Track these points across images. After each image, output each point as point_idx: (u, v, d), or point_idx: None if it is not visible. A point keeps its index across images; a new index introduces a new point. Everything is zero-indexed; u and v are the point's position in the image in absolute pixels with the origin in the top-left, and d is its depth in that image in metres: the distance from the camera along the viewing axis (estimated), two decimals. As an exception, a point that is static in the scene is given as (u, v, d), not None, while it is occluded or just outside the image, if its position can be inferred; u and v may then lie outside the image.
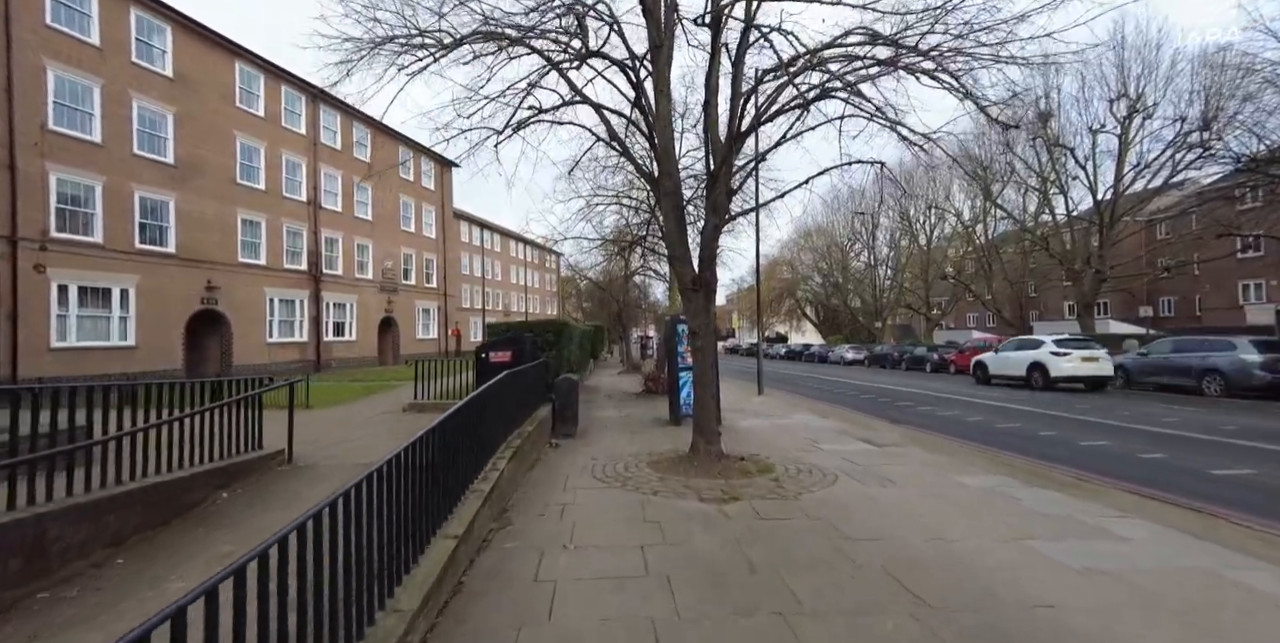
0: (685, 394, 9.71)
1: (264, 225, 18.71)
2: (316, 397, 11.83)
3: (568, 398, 8.64)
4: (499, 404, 5.38)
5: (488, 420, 4.89)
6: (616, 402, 13.20)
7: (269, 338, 18.85)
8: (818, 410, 11.64)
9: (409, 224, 27.18)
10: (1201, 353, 12.62)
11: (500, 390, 5.49)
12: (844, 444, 7.83)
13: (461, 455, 3.94)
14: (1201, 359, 12.57)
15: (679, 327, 9.78)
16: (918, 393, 15.39)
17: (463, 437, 4.01)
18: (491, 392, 5.07)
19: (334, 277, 22.14)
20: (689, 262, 6.42)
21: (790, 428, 9.28)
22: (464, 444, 3.99)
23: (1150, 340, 15.74)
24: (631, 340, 28.65)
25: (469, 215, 41.84)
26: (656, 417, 10.60)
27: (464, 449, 3.98)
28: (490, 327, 9.64)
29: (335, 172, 22.23)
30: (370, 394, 12.77)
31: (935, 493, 5.24)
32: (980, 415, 10.92)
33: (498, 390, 5.41)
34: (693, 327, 6.39)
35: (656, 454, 7.06)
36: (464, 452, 3.99)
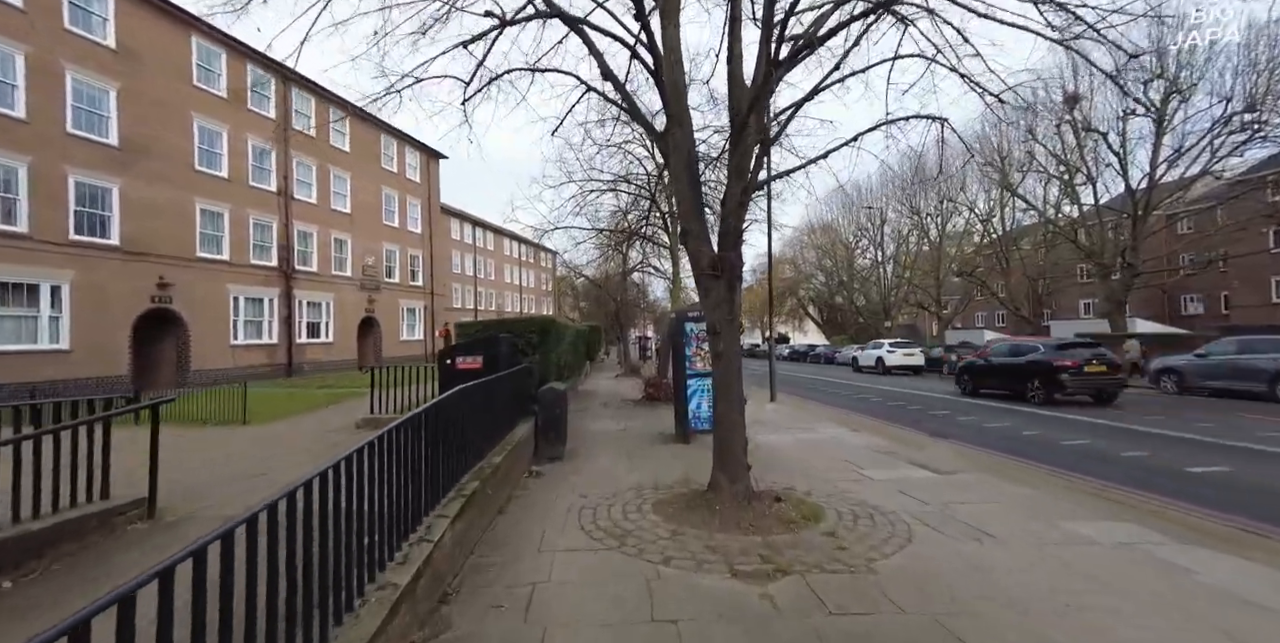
0: (695, 406, 8.19)
1: (227, 216, 17.09)
2: (265, 407, 10.26)
3: (553, 412, 7.10)
4: (449, 432, 3.84)
5: (425, 458, 3.36)
6: (614, 411, 11.66)
7: (233, 340, 17.23)
8: (844, 421, 10.12)
9: (392, 218, 25.58)
10: (1275, 354, 11.16)
11: (453, 411, 3.95)
12: (895, 469, 6.32)
13: (362, 526, 2.41)
14: (1275, 361, 11.10)
15: (686, 325, 8.25)
16: (948, 400, 13.89)
17: (368, 494, 2.49)
18: (434, 415, 3.54)
19: (308, 273, 20.53)
20: (706, 238, 4.90)
21: (821, 446, 7.76)
22: (365, 510, 2.46)
23: (1202, 341, 14.04)
24: (630, 341, 27.11)
25: (459, 212, 40.25)
26: (660, 431, 9.06)
27: (362, 520, 2.44)
28: (461, 326, 8.08)
29: (309, 160, 20.63)
30: (331, 404, 11.20)
31: (1059, 557, 3.72)
32: (1036, 428, 9.41)
33: (450, 410, 3.88)
34: (710, 323, 4.85)
35: (664, 488, 5.52)
36: (363, 523, 2.45)
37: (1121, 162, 18.27)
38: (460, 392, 4.13)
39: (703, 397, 8.20)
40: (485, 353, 6.78)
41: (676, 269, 13.48)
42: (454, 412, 4.02)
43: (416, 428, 3.24)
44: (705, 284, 4.83)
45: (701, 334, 8.24)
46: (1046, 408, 11.59)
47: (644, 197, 13.69)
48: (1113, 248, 19.60)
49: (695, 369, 8.21)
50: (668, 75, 4.77)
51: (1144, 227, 18.30)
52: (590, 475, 6.21)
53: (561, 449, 7.13)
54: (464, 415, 4.28)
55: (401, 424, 3.07)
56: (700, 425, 8.17)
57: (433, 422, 3.52)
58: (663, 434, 8.79)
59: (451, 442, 3.92)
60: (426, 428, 3.41)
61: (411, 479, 3.12)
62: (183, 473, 5.87)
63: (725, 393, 4.78)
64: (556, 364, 9.40)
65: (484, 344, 6.81)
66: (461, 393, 4.13)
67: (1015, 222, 25.63)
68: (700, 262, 4.82)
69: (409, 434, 3.14)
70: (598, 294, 26.69)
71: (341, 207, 22.39)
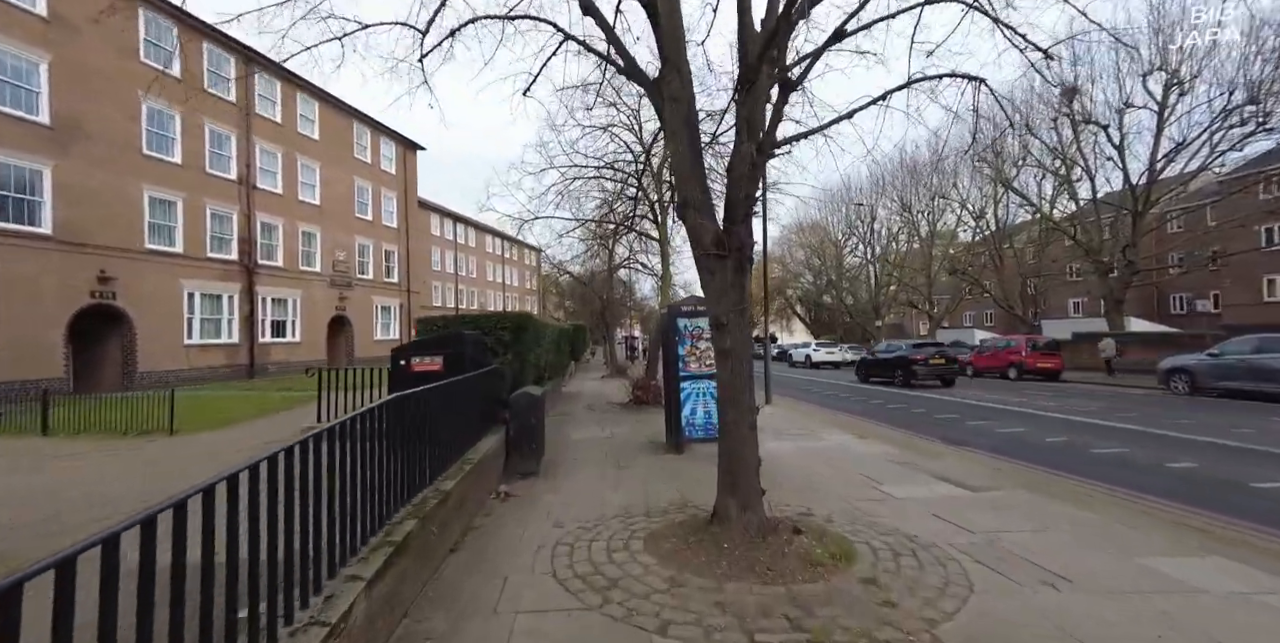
0: (689, 412, 7.30)
1: (180, 206, 15.80)
2: (204, 414, 9.15)
3: (527, 421, 6.15)
4: (378, 454, 2.89)
5: (337, 493, 2.42)
6: (599, 415, 10.73)
7: (187, 339, 15.94)
8: (849, 426, 9.31)
9: (365, 211, 24.32)
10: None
11: (389, 425, 3.01)
12: (920, 485, 5.49)
13: (212, 605, 1.48)
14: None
15: (679, 321, 7.36)
16: (949, 401, 13.20)
17: (235, 547, 1.57)
18: (351, 432, 2.60)
19: (273, 269, 19.25)
20: (709, 210, 4.00)
21: (831, 455, 6.92)
22: (225, 575, 1.53)
23: (1212, 340, 13.31)
24: (616, 341, 26.17)
25: (439, 207, 38.97)
26: (650, 439, 8.17)
27: (213, 594, 1.51)
28: (422, 322, 7.08)
29: (274, 148, 19.35)
30: (283, 409, 10.10)
31: (1163, 612, 2.90)
32: (1062, 434, 8.68)
33: (384, 424, 2.94)
34: (714, 315, 3.96)
35: (657, 514, 4.61)
36: (216, 597, 1.51)
37: (1121, 155, 17.80)
38: (396, 402, 3.18)
39: (697, 402, 7.32)
40: (446, 353, 5.81)
41: (666, 263, 12.60)
42: (390, 425, 3.07)
43: (316, 451, 2.30)
44: (708, 266, 3.93)
45: (696, 331, 7.36)
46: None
47: (631, 185, 12.78)
48: (1111, 245, 19.15)
49: (689, 371, 7.33)
50: (664, 8, 3.86)
51: (1144, 223, 17.85)
52: (569, 496, 5.29)
53: (536, 464, 6.19)
54: (404, 431, 3.34)
55: (296, 447, 2.14)
56: (695, 434, 7.29)
57: (349, 442, 2.57)
58: (652, 443, 7.89)
59: (383, 467, 2.97)
60: (342, 449, 2.47)
61: (310, 525, 2.19)
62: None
63: (733, 400, 3.89)
64: (534, 365, 8.45)
65: (445, 342, 5.84)
66: (397, 403, 3.18)
67: (1009, 218, 25.24)
68: (702, 239, 3.92)
69: (306, 461, 2.20)
70: (583, 292, 25.71)
71: (310, 198, 21.12)
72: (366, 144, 24.40)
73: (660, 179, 12.34)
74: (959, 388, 16.33)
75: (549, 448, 7.49)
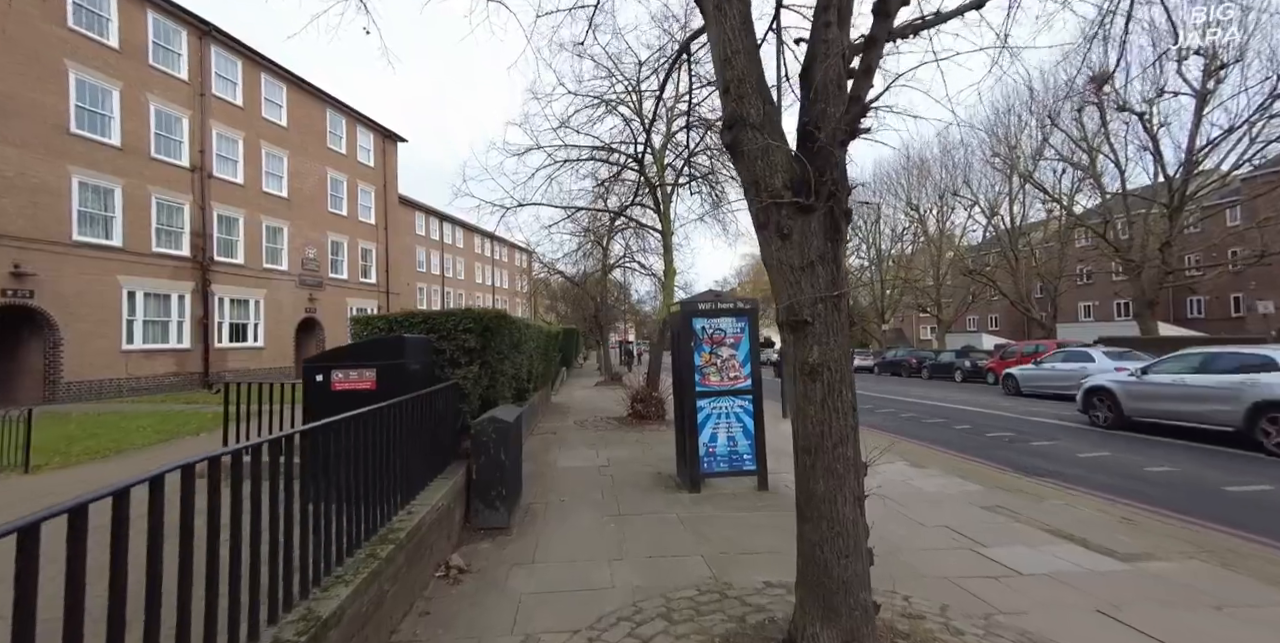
0: (708, 438, 5.68)
1: (118, 193, 14.00)
2: (98, 439, 7.39)
3: (495, 457, 4.51)
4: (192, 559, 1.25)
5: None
6: (592, 434, 9.09)
7: (126, 344, 14.10)
8: (898, 449, 7.72)
9: (340, 206, 22.56)
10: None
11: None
12: (1037, 547, 3.93)
13: None
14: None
15: (694, 322, 5.75)
16: (995, 415, 11.67)
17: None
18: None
19: (232, 266, 17.45)
20: (777, 131, 2.41)
21: (894, 495, 5.32)
22: None
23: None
24: (609, 345, 24.52)
25: (425, 206, 37.25)
26: (656, 468, 6.55)
27: None
28: (358, 322, 5.41)
29: (234, 133, 17.58)
30: (206, 430, 8.34)
31: None
32: (1162, 461, 7.14)
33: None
34: (789, 311, 2.35)
35: (682, 618, 2.98)
36: None
37: (1155, 145, 16.49)
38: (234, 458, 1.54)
39: (718, 425, 5.71)
40: (381, 364, 4.17)
41: (669, 257, 11.00)
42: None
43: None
44: (779, 225, 2.33)
45: (716, 335, 5.76)
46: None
47: (630, 168, 11.20)
48: (1140, 242, 17.81)
49: (708, 385, 5.72)
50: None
51: (1179, 218, 16.52)
52: (550, 573, 3.65)
53: (507, 514, 4.54)
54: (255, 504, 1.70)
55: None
56: (715, 466, 5.67)
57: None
58: (660, 475, 6.27)
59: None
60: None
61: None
62: None
63: (824, 454, 2.27)
64: (512, 377, 6.81)
65: (379, 350, 4.21)
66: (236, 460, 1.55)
67: (1024, 216, 23.94)
68: (769, 178, 2.33)
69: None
70: (575, 295, 24.08)
71: (276, 189, 19.34)
72: (341, 134, 22.68)
73: (663, 162, 10.77)
74: (993, 398, 14.84)
75: (530, 481, 5.84)
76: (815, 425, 2.27)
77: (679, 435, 6.08)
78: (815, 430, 2.28)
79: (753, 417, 5.74)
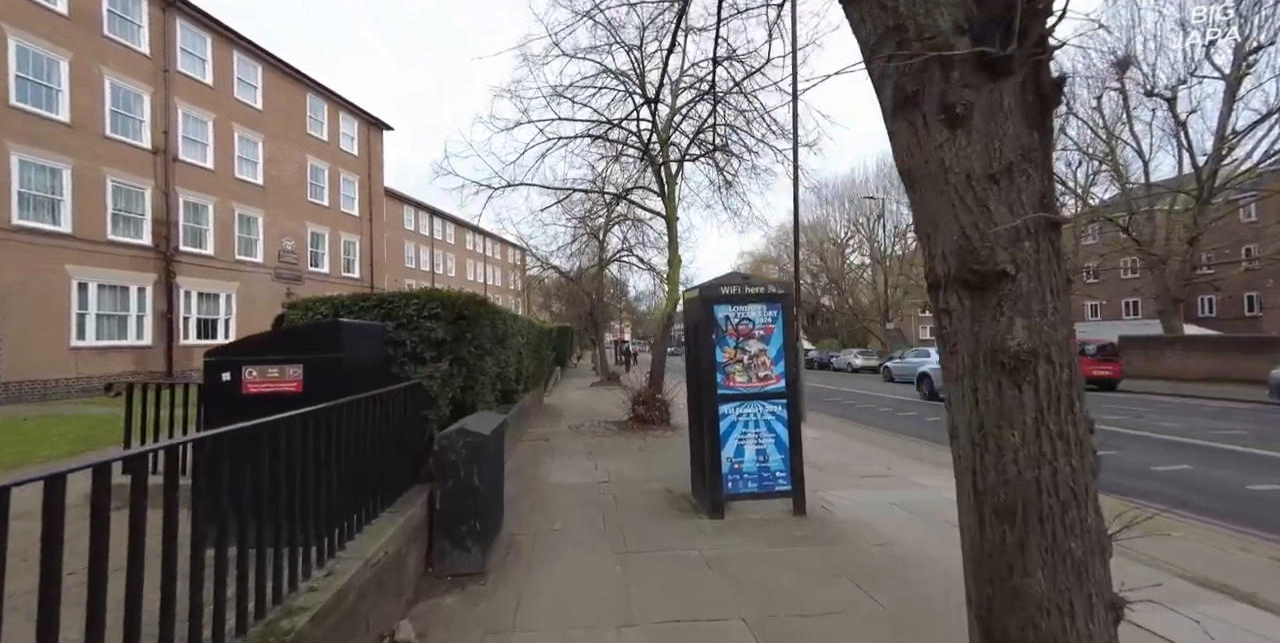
0: (732, 451, 4.62)
1: (67, 175, 12.76)
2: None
3: (467, 482, 3.44)
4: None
5: None
6: (589, 441, 8.02)
7: (76, 340, 12.87)
8: (941, 463, 6.71)
9: (321, 195, 21.33)
10: None
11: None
12: (1195, 606, 2.87)
13: None
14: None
15: (716, 310, 4.69)
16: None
17: None
18: None
19: (200, 257, 16.22)
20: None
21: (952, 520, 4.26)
22: None
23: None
24: (605, 344, 23.44)
25: (415, 200, 36.01)
26: (666, 486, 5.51)
27: None
28: (293, 307, 4.31)
29: (204, 115, 16.35)
30: (112, 442, 7.18)
31: None
32: (1270, 478, 6.17)
33: None
34: (967, 259, 1.27)
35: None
36: None
37: (1184, 133, 15.62)
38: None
39: (746, 435, 4.66)
40: (311, 358, 3.09)
41: (674, 244, 9.93)
42: None
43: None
44: (944, 100, 1.27)
45: (743, 326, 4.71)
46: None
47: (632, 145, 10.14)
48: (1165, 236, 16.94)
49: (733, 386, 4.66)
50: None
51: (1209, 211, 15.66)
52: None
53: (481, 556, 3.47)
54: None
55: None
56: (742, 486, 4.62)
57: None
58: (672, 495, 5.22)
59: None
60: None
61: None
62: None
63: (1037, 518, 1.21)
64: (494, 377, 5.73)
65: (309, 340, 3.13)
66: None
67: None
68: (926, 16, 1.27)
69: None
70: (570, 292, 23.02)
71: (250, 176, 18.11)
72: (323, 120, 21.46)
73: (667, 139, 9.71)
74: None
75: (515, 503, 4.76)
76: (1024, 467, 1.22)
77: (695, 447, 5.03)
78: (1022, 476, 1.22)
79: (787, 425, 4.69)
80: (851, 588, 3.22)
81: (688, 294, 5.18)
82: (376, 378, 3.54)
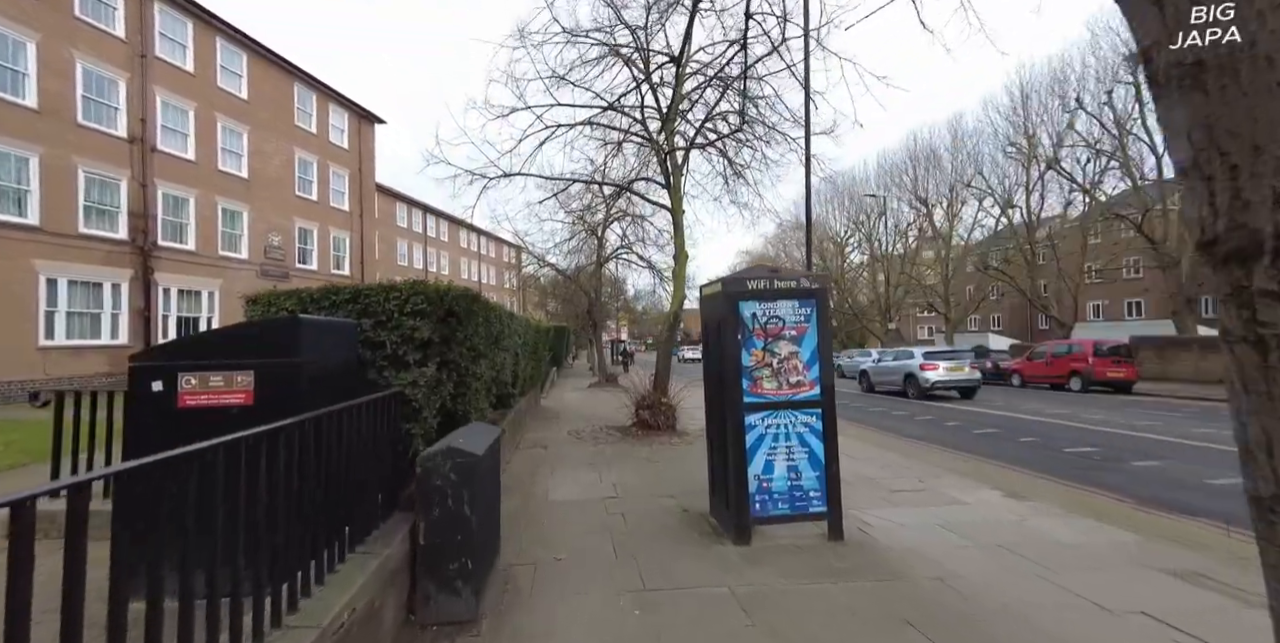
0: (760, 468, 4.08)
1: (35, 163, 12.05)
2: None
3: (456, 512, 2.86)
4: None
5: None
6: (590, 448, 7.44)
7: (45, 339, 12.16)
8: (970, 472, 6.17)
9: (309, 190, 20.63)
10: None
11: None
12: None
13: None
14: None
15: (742, 307, 4.12)
16: (1067, 427, 10.20)
17: None
18: None
19: (181, 252, 15.51)
20: None
21: (1017, 551, 3.73)
22: None
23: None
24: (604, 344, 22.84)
25: (408, 197, 35.31)
26: (681, 503, 4.96)
27: None
28: (254, 302, 3.71)
29: (184, 103, 15.64)
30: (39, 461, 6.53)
31: None
32: None
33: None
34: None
35: None
36: None
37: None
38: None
39: (776, 449, 4.10)
40: (263, 363, 2.51)
41: (680, 237, 9.35)
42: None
43: None
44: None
45: (772, 325, 4.15)
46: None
47: (635, 133, 9.56)
48: (1179, 234, 16.55)
49: (760, 393, 4.10)
50: None
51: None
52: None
53: (474, 600, 2.89)
54: None
55: None
56: (773, 508, 4.06)
57: None
58: (689, 515, 4.65)
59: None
60: None
61: None
62: None
63: None
64: (493, 381, 5.15)
65: (259, 340, 2.54)
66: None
67: (1041, 208, 22.65)
68: None
69: None
70: (566, 292, 22.41)
71: (235, 169, 17.40)
72: (311, 111, 20.74)
73: (673, 127, 9.13)
74: (1045, 404, 13.43)
75: (511, 524, 4.17)
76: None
77: (715, 461, 4.47)
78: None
79: (822, 439, 4.14)
80: (920, 640, 2.67)
81: (708, 289, 4.61)
82: (347, 386, 2.95)
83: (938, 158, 25.84)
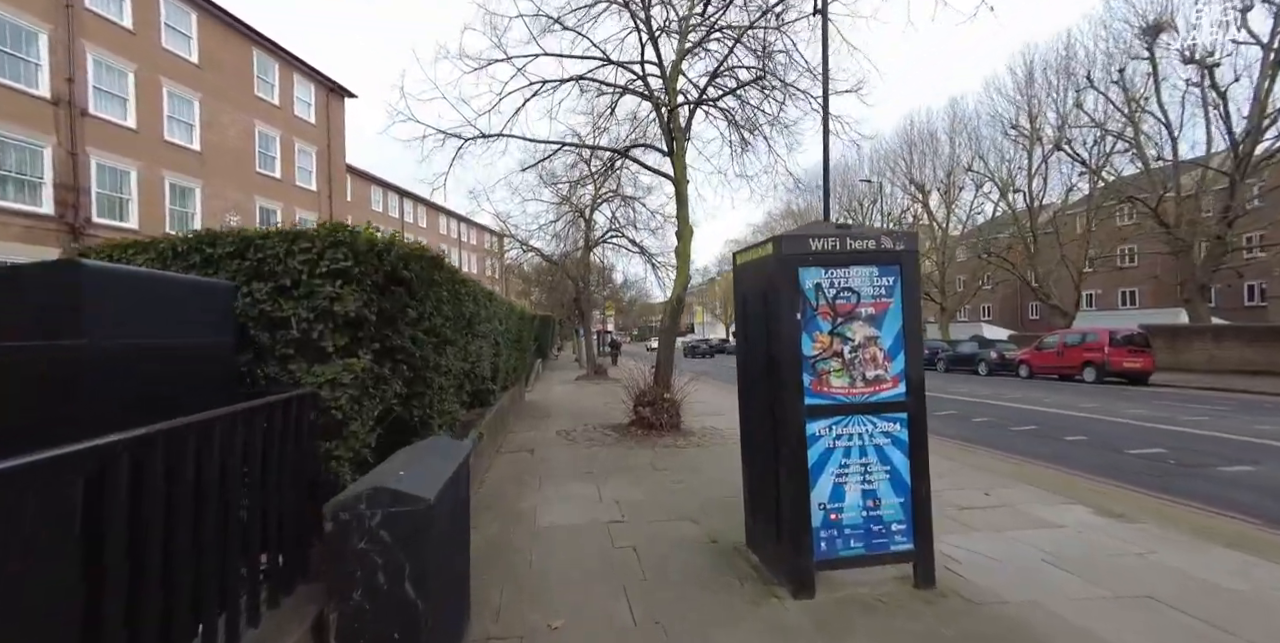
0: (827, 494, 3.00)
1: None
2: None
3: (389, 592, 1.70)
4: None
5: None
6: (584, 452, 6.32)
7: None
8: (1038, 478, 5.21)
9: (272, 166, 18.97)
10: None
11: None
12: None
13: None
14: None
15: (803, 275, 3.00)
16: (1111, 423, 9.36)
17: None
18: None
19: (121, 231, 13.85)
20: None
21: (1172, 603, 2.70)
22: None
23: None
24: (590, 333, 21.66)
25: (384, 180, 33.52)
26: (708, 532, 3.87)
27: None
28: (86, 258, 2.49)
29: (121, 63, 13.93)
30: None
31: None
32: None
33: None
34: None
35: None
36: None
37: (1225, 105, 14.47)
38: None
39: (848, 467, 3.02)
40: (15, 351, 1.37)
41: (683, 210, 8.20)
42: None
43: None
44: None
45: (842, 300, 3.04)
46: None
47: (635, 90, 8.36)
48: (1192, 218, 15.89)
49: (831, 393, 3.01)
50: None
51: (1244, 191, 14.59)
52: None
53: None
54: None
55: None
56: (844, 547, 3.00)
57: None
58: (719, 551, 3.57)
59: None
60: None
61: None
62: None
63: None
64: (465, 375, 4.00)
65: (17, 302, 1.43)
66: None
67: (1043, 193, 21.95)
68: None
69: None
70: (551, 280, 21.17)
71: (185, 140, 15.72)
72: (273, 81, 19.01)
73: (675, 87, 7.95)
74: (1065, 397, 12.67)
75: (487, 566, 3.02)
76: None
77: (754, 478, 3.41)
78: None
79: (908, 454, 3.09)
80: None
81: (747, 254, 3.48)
82: (210, 387, 1.78)
83: (935, 142, 25.03)
